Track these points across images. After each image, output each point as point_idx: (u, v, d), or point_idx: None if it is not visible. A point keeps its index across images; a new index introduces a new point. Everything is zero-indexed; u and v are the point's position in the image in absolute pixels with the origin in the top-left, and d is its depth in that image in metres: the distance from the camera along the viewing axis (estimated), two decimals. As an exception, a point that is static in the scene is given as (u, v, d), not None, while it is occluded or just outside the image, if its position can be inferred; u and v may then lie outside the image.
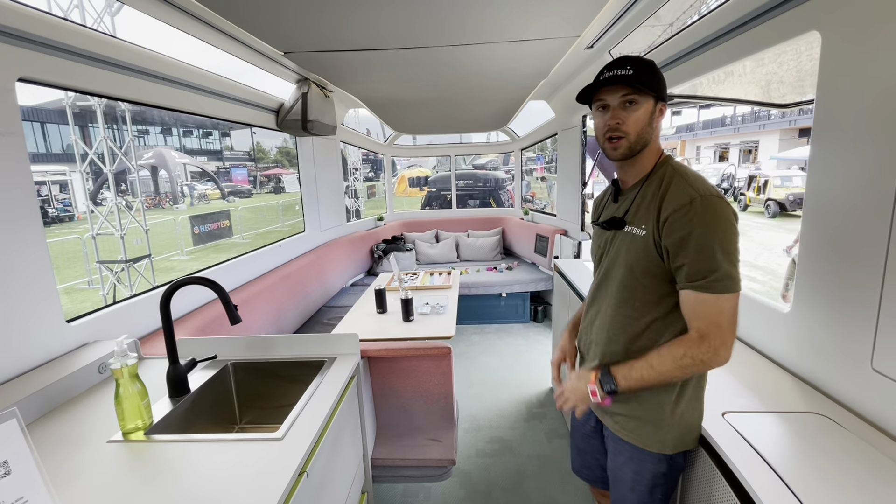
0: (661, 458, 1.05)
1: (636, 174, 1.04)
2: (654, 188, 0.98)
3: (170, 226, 12.51)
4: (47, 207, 15.66)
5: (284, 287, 2.83)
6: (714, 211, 0.88)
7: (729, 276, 0.87)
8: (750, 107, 3.02)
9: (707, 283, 0.87)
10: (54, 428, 1.14)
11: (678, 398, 1.02)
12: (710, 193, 0.90)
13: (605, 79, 0.96)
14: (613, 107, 0.97)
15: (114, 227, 6.62)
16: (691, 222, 0.88)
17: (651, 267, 0.97)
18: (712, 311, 0.88)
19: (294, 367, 1.53)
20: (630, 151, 0.98)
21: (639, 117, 0.96)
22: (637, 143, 0.97)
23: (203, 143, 30.67)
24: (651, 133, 0.98)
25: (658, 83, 0.97)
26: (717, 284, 0.87)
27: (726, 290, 0.87)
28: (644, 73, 0.94)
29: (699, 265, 0.88)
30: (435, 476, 1.86)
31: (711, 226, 0.87)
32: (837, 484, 0.85)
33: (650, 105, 0.96)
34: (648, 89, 0.94)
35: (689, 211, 0.89)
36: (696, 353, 0.88)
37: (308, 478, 1.05)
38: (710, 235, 0.87)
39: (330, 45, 1.97)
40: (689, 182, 0.93)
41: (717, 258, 0.87)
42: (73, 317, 1.51)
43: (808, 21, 1.18)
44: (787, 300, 4.10)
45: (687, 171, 0.98)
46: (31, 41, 1.30)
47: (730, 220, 0.89)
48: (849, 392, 1.10)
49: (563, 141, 3.90)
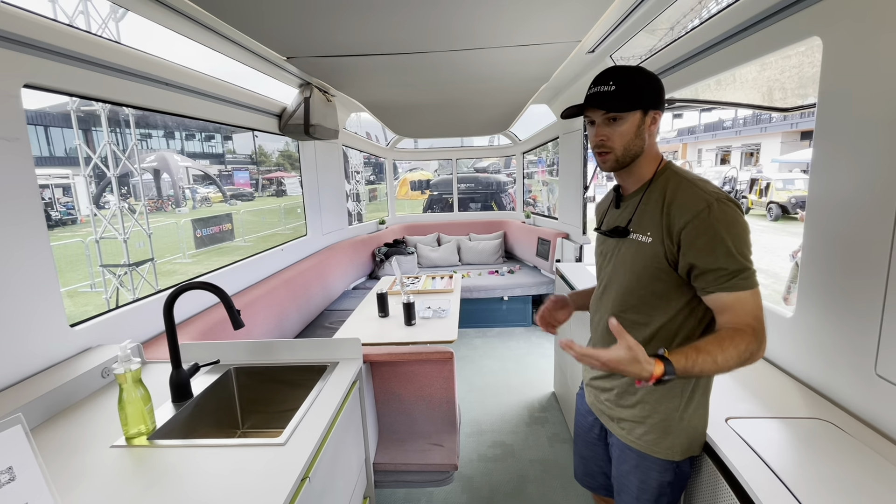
0: (667, 466, 1.04)
1: (635, 182, 1.04)
2: (657, 195, 0.98)
3: (172, 229, 12.55)
4: (51, 211, 15.72)
5: (286, 291, 2.83)
6: (733, 213, 0.90)
7: (754, 273, 0.90)
8: (751, 110, 3.03)
9: (740, 282, 0.88)
10: (57, 433, 1.15)
11: (687, 403, 1.01)
12: (723, 197, 0.91)
13: (590, 96, 0.97)
14: (598, 123, 0.99)
15: (117, 231, 6.65)
16: (713, 227, 0.89)
17: (660, 273, 0.97)
18: (751, 306, 0.89)
19: (296, 371, 1.53)
20: (618, 164, 1.00)
21: (624, 132, 0.96)
22: (625, 155, 0.98)
23: (205, 146, 30.81)
24: (641, 143, 0.98)
25: (644, 93, 0.96)
26: (748, 282, 0.88)
27: (755, 285, 0.90)
28: (627, 88, 0.94)
29: (731, 267, 0.88)
30: (437, 481, 1.86)
31: (732, 229, 0.89)
32: (842, 490, 0.84)
33: (636, 118, 0.96)
34: (630, 105, 0.94)
35: (708, 216, 0.89)
36: (755, 348, 0.87)
37: (311, 483, 1.05)
38: (734, 237, 0.88)
39: (332, 51, 1.98)
40: (700, 186, 0.93)
41: (744, 258, 0.89)
42: (77, 321, 1.52)
43: (809, 26, 1.18)
44: (788, 303, 4.09)
45: (691, 175, 0.98)
46: (37, 48, 1.31)
47: (744, 223, 0.91)
48: (853, 398, 1.10)
49: (565, 144, 3.91)
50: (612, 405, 1.12)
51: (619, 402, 1.10)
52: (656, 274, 0.97)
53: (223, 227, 12.08)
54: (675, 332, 1.00)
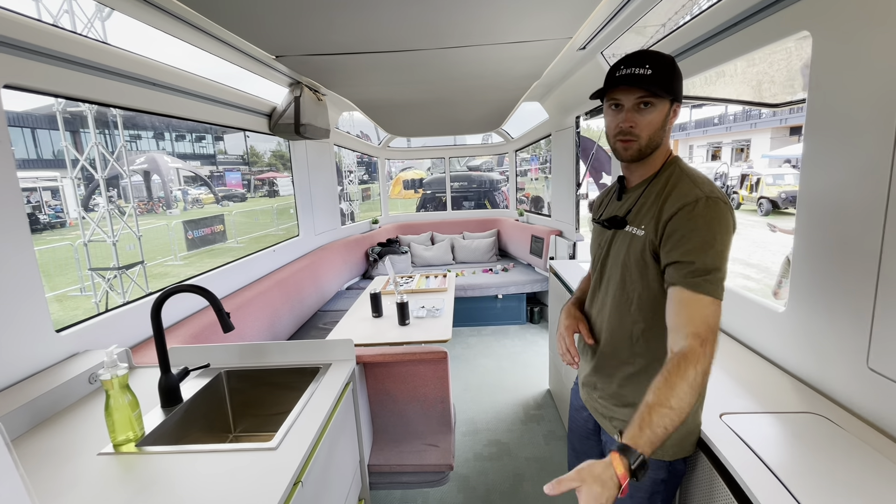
0: (660, 465, 1.04)
1: (642, 174, 1.02)
2: (658, 189, 0.97)
3: (163, 231, 12.43)
4: (38, 214, 15.49)
5: (279, 292, 2.80)
6: (718, 212, 0.87)
7: (721, 281, 0.86)
8: (741, 106, 3.04)
9: (705, 284, 0.84)
10: (43, 441, 1.12)
11: None
12: (715, 196, 0.89)
13: (622, 76, 0.90)
14: (627, 108, 0.93)
15: (106, 234, 6.57)
16: (695, 220, 0.86)
17: (646, 270, 0.96)
18: (709, 314, 0.83)
19: (288, 374, 1.51)
20: (640, 154, 0.96)
21: (653, 120, 0.92)
22: (648, 146, 0.95)
23: (196, 147, 30.49)
24: (663, 135, 0.95)
25: (676, 83, 0.93)
26: (713, 287, 0.84)
27: (719, 295, 0.85)
28: (663, 73, 0.89)
29: (699, 263, 0.84)
30: (433, 481, 1.85)
31: (714, 226, 0.86)
32: (836, 484, 0.84)
33: (665, 107, 0.93)
34: (665, 92, 0.90)
35: (693, 210, 0.87)
36: (703, 364, 0.79)
37: (303, 487, 1.03)
38: (713, 236, 0.85)
39: (322, 49, 1.95)
40: (697, 183, 0.92)
41: (716, 259, 0.85)
42: (63, 326, 1.49)
43: (799, 21, 1.18)
44: (778, 297, 4.12)
45: (694, 172, 0.96)
46: (18, 47, 1.28)
47: (729, 227, 0.88)
48: (845, 391, 1.10)
49: (557, 142, 3.91)
50: (607, 404, 1.12)
51: (612, 401, 1.10)
52: (643, 269, 0.97)
53: (215, 229, 11.98)
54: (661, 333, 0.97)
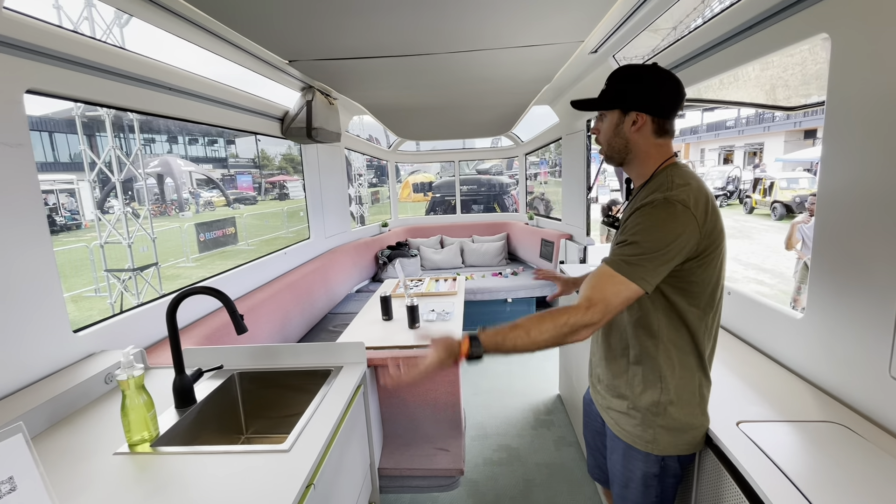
0: (652, 459, 1.05)
1: (636, 177, 1.07)
2: (644, 192, 0.99)
3: (176, 233, 12.60)
4: (55, 216, 15.81)
5: (290, 294, 2.82)
6: (669, 212, 0.88)
7: (640, 267, 0.87)
8: (754, 109, 3.00)
9: (619, 262, 0.89)
10: (60, 440, 1.14)
11: (665, 398, 1.01)
12: (674, 198, 0.89)
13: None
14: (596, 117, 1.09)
15: (121, 236, 6.67)
16: (644, 216, 0.91)
17: None
18: (606, 283, 0.88)
19: (300, 376, 1.52)
20: (607, 158, 1.08)
21: (604, 128, 1.05)
22: (609, 150, 1.06)
23: (208, 150, 30.95)
24: (622, 142, 1.02)
25: (627, 94, 0.99)
26: (628, 268, 0.87)
27: (629, 275, 0.87)
28: (610, 87, 1.02)
29: (625, 247, 0.90)
30: (443, 486, 1.84)
31: (659, 223, 0.88)
32: (859, 495, 0.82)
33: (613, 116, 1.02)
34: (606, 105, 1.02)
35: (649, 208, 0.91)
36: (576, 319, 0.86)
37: (315, 490, 1.03)
38: (653, 228, 0.88)
39: (334, 54, 1.97)
40: (670, 185, 0.93)
41: (644, 247, 0.87)
42: (80, 326, 1.51)
43: (817, 24, 1.17)
44: (798, 304, 4.05)
45: (680, 175, 0.95)
46: (39, 53, 1.31)
47: (676, 226, 0.87)
48: (866, 400, 1.08)
49: (568, 145, 3.89)
50: (606, 395, 1.14)
51: (609, 392, 1.12)
52: None
53: (226, 231, 12.11)
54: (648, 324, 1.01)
